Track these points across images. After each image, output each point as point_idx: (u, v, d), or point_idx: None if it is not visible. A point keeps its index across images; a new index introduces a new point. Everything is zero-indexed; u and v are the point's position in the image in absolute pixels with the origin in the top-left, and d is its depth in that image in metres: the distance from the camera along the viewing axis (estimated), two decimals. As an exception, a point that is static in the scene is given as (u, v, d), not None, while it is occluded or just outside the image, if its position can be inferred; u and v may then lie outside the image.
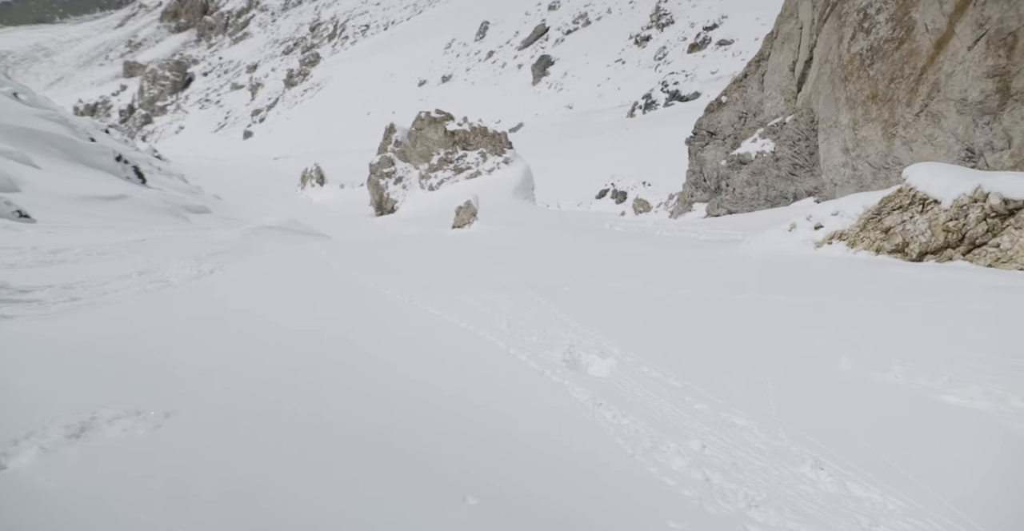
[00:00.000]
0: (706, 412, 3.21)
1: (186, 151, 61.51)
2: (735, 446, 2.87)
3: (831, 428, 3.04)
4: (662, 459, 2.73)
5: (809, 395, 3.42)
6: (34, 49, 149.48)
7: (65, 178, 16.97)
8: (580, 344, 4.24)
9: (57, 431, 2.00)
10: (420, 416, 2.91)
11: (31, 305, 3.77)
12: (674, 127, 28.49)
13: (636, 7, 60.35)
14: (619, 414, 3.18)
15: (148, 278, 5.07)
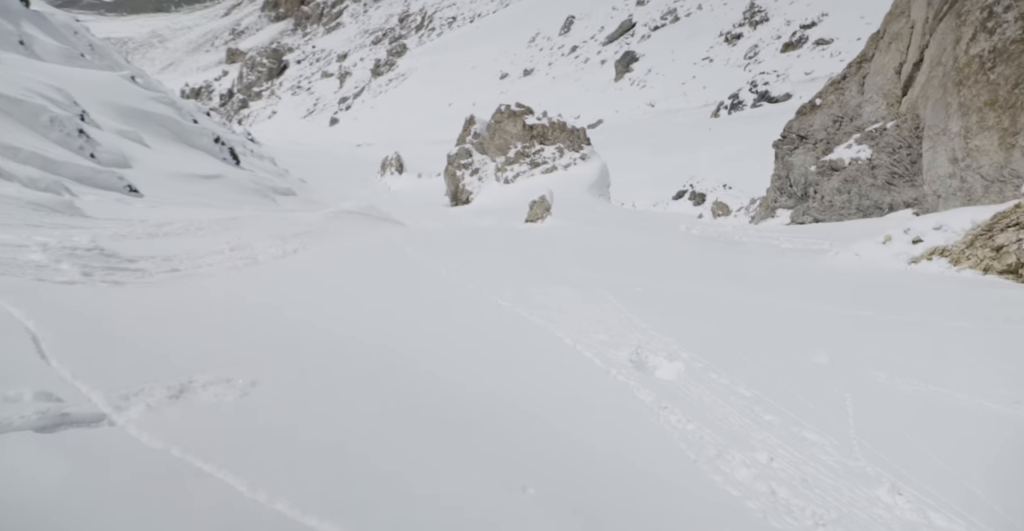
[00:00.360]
0: (776, 424, 3.09)
1: (277, 135, 64.61)
2: (805, 461, 2.74)
3: (913, 452, 2.85)
4: (726, 468, 2.64)
5: (891, 416, 3.21)
6: (151, 36, 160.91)
7: (170, 157, 18.18)
8: (648, 345, 4.14)
9: (160, 391, 2.12)
10: (485, 408, 2.91)
11: (137, 273, 4.03)
12: (761, 129, 27.31)
13: (729, 3, 58.16)
14: (684, 419, 3.09)
15: (238, 254, 5.30)
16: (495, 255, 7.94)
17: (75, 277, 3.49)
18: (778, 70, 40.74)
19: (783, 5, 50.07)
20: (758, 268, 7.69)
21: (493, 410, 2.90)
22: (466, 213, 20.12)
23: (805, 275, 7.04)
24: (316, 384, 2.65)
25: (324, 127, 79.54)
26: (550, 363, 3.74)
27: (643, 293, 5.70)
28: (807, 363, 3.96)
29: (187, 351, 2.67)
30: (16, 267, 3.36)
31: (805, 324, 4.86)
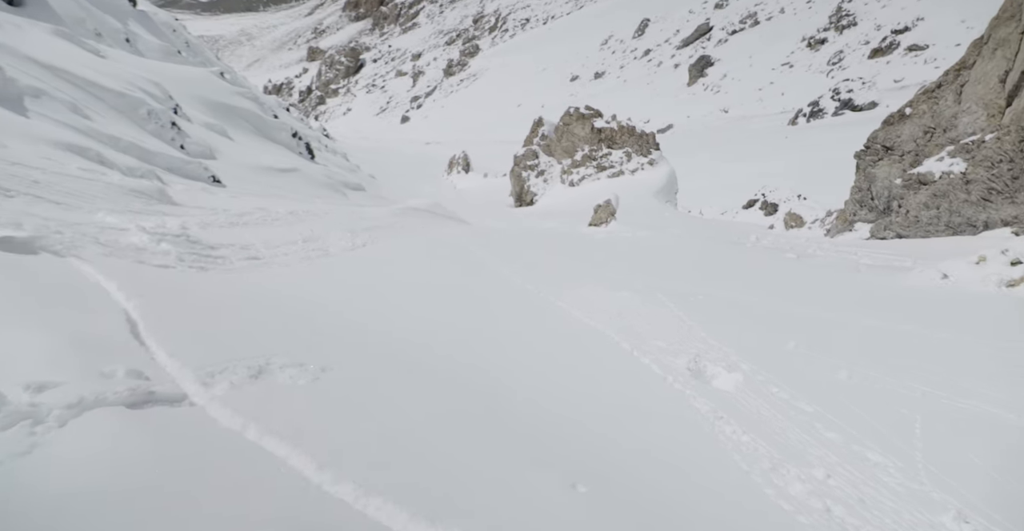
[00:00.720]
0: (837, 442, 2.99)
1: (350, 131, 66.76)
2: (864, 481, 2.65)
3: (984, 479, 2.69)
4: (780, 482, 2.58)
5: (967, 444, 3.02)
6: (240, 34, 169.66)
7: (251, 149, 19.09)
8: (707, 355, 4.08)
9: (242, 371, 2.27)
10: (542, 410, 2.90)
11: (219, 260, 4.29)
12: (841, 139, 26.07)
13: (814, 7, 55.81)
14: (739, 430, 3.04)
15: (311, 246, 5.53)
16: (556, 257, 7.98)
17: (168, 261, 3.76)
18: (864, 77, 38.74)
19: (874, 9, 47.59)
20: (832, 283, 7.33)
21: (547, 411, 2.90)
22: (529, 214, 20.15)
23: (883, 293, 6.65)
24: (382, 375, 2.74)
25: (395, 125, 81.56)
26: (606, 368, 3.72)
27: (704, 302, 5.56)
28: (877, 382, 3.78)
29: (264, 336, 2.80)
30: (119, 249, 3.66)
31: (879, 343, 4.61)
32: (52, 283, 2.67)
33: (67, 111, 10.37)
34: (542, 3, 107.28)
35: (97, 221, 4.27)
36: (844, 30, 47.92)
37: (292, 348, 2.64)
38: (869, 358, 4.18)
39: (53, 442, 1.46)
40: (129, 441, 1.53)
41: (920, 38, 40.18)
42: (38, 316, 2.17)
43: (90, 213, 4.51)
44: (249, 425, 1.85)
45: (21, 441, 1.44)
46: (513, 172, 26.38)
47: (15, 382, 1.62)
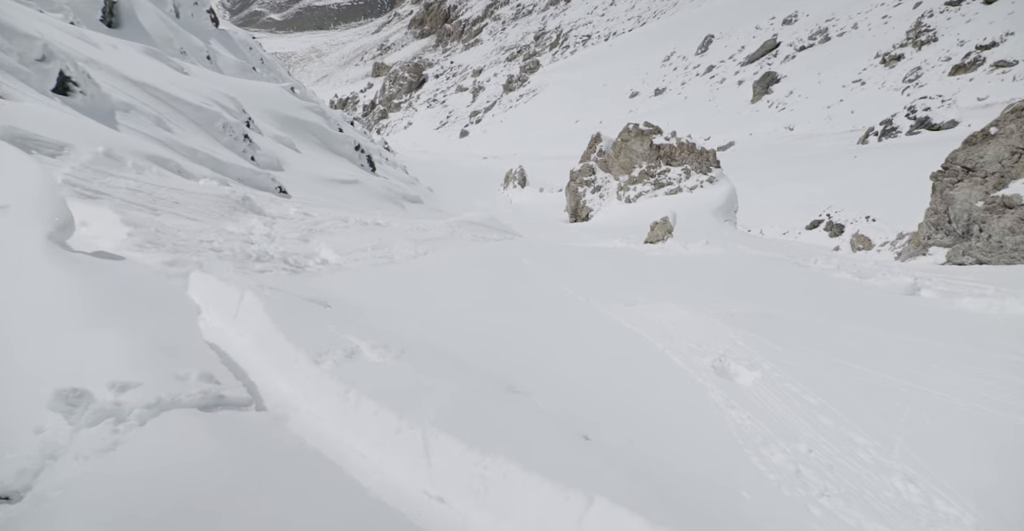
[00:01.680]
0: (829, 426, 3.26)
1: (410, 145, 68.48)
2: (841, 455, 2.99)
3: (953, 461, 2.95)
4: (766, 453, 2.95)
5: (953, 435, 3.22)
6: (310, 51, 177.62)
7: (315, 161, 19.82)
8: (733, 355, 4.27)
9: (340, 352, 2.74)
10: (585, 405, 3.10)
11: (306, 265, 5.05)
12: (916, 159, 24.86)
13: (890, 22, 53.69)
14: (745, 416, 3.35)
15: (378, 253, 6.11)
16: (607, 271, 7.92)
17: (268, 267, 4.52)
18: (943, 95, 36.84)
19: (957, 24, 45.32)
20: (883, 303, 7.05)
21: (578, 389, 3.32)
22: (584, 230, 20.06)
23: (956, 320, 6.29)
24: (445, 357, 3.21)
25: (454, 139, 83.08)
26: (635, 361, 4.04)
27: (746, 315, 5.41)
28: (893, 385, 3.86)
29: (351, 327, 3.25)
30: (228, 252, 4.48)
31: (909, 355, 4.44)
32: (135, 287, 2.84)
33: (152, 124, 11.06)
34: (604, 20, 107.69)
35: (218, 229, 5.22)
36: (923, 46, 45.78)
37: (375, 334, 3.18)
38: (891, 366, 4.24)
39: (134, 440, 1.53)
40: (202, 443, 1.60)
41: (1009, 54, 37.87)
42: (121, 318, 2.30)
43: (214, 223, 5.35)
44: (351, 390, 2.27)
45: (105, 438, 1.52)
46: (569, 187, 26.37)
47: (100, 381, 1.72)
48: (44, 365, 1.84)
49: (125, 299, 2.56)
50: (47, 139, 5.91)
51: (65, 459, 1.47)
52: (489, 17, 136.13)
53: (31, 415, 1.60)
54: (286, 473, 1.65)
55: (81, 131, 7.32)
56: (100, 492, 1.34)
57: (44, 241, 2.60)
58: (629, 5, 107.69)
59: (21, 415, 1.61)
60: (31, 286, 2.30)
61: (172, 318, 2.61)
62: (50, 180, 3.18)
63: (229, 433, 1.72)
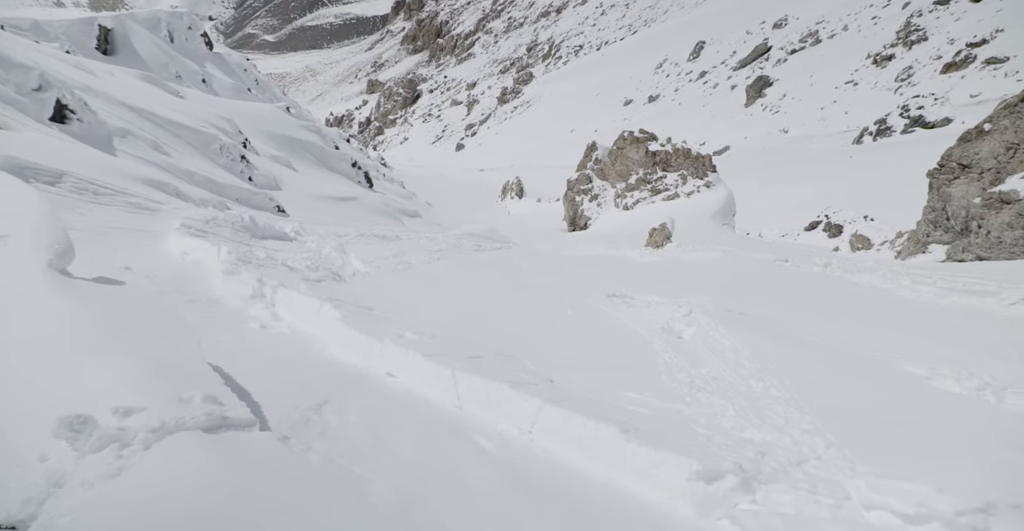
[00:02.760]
0: (731, 359, 4.27)
1: (406, 160, 68.72)
2: (728, 376, 3.91)
3: (805, 377, 3.87)
4: (676, 375, 3.93)
5: (844, 382, 3.87)
6: (305, 70, 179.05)
7: (313, 179, 19.89)
8: (683, 320, 5.33)
9: (393, 335, 3.81)
10: (556, 362, 4.02)
11: (344, 273, 6.11)
12: (912, 157, 24.93)
13: (880, 23, 54.02)
14: (674, 357, 4.36)
15: (398, 260, 7.40)
16: (602, 276, 8.57)
17: (321, 276, 5.59)
18: (936, 93, 37.00)
19: (946, 22, 45.61)
20: (868, 299, 7.22)
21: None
22: (583, 238, 20.09)
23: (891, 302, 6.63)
24: (464, 340, 4.31)
25: (450, 152, 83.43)
26: (605, 328, 5.21)
27: (720, 309, 5.84)
28: (822, 348, 4.87)
29: (392, 323, 4.32)
30: (295, 266, 5.75)
31: (853, 330, 5.31)
32: (135, 311, 2.85)
33: (149, 149, 11.13)
34: (595, 30, 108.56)
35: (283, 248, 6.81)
36: (913, 45, 46.03)
37: (417, 324, 4.32)
38: (812, 330, 5.34)
39: (139, 465, 1.54)
40: (207, 465, 1.60)
41: (999, 50, 38.06)
42: (123, 342, 2.31)
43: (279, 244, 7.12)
44: (408, 352, 3.55)
45: (111, 463, 1.52)
46: (567, 196, 26.45)
47: (104, 406, 1.73)
48: (47, 392, 1.84)
49: (127, 323, 2.57)
50: (45, 167, 5.95)
51: (70, 486, 1.47)
52: (481, 31, 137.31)
53: (35, 443, 1.61)
54: (290, 492, 1.65)
55: (79, 158, 7.37)
56: (106, 518, 1.34)
57: (44, 269, 2.62)
58: (620, 14, 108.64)
59: (25, 443, 1.61)
60: (32, 314, 2.31)
61: (174, 341, 2.61)
62: (49, 208, 3.20)
63: (234, 454, 1.72)
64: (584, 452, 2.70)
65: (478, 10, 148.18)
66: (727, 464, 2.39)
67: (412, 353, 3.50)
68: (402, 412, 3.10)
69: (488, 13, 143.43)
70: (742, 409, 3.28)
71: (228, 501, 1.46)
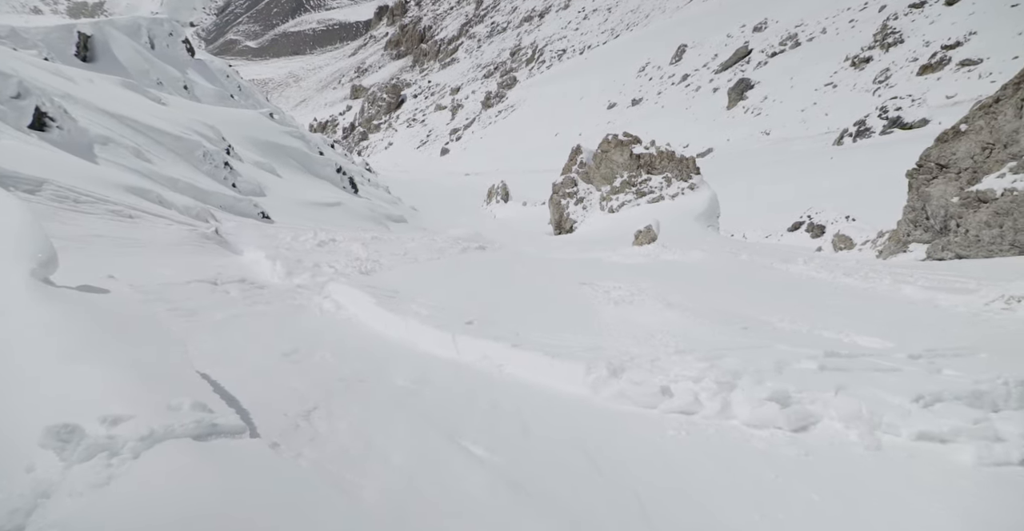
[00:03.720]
0: (652, 303, 6.34)
1: (391, 165, 68.60)
2: (640, 333, 5.16)
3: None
4: (605, 327, 5.41)
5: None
6: (288, 76, 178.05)
7: (297, 185, 19.76)
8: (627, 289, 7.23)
9: (412, 311, 5.23)
10: (528, 325, 5.58)
11: (370, 268, 7.58)
12: (891, 158, 25.33)
13: (857, 26, 54.95)
14: (605, 304, 6.45)
15: (407, 257, 9.01)
16: (583, 271, 9.17)
17: (364, 269, 7.38)
18: (913, 94, 37.70)
19: (922, 25, 46.49)
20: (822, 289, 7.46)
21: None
22: (569, 241, 20.14)
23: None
24: (460, 313, 5.63)
25: (435, 157, 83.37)
26: (571, 307, 6.47)
27: (654, 293, 7.05)
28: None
29: (413, 302, 5.70)
30: (338, 265, 7.42)
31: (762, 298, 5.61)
32: (121, 319, 2.81)
33: (131, 156, 11.00)
34: (578, 34, 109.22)
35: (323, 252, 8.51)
36: (890, 48, 46.86)
37: (432, 301, 5.83)
38: (745, 294, 7.41)
39: (128, 473, 1.52)
40: (198, 472, 1.58)
41: (973, 52, 38.89)
42: (110, 350, 2.28)
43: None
44: (423, 324, 4.88)
45: (99, 473, 1.50)
46: (552, 200, 26.53)
47: (92, 415, 1.71)
48: (32, 402, 1.81)
49: (113, 331, 2.54)
50: (25, 176, 5.86)
51: (59, 496, 1.45)
52: (464, 36, 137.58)
53: (22, 454, 1.58)
54: (281, 497, 1.64)
55: (59, 166, 7.27)
56: (96, 528, 1.32)
57: (27, 278, 2.58)
58: (602, 19, 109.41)
59: (11, 454, 1.59)
60: (15, 323, 2.28)
61: (161, 348, 2.59)
62: (32, 216, 3.16)
63: (224, 462, 1.70)
64: (532, 372, 4.11)
65: (461, 15, 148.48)
66: (602, 364, 3.95)
67: (425, 325, 4.83)
68: (420, 362, 4.27)
69: (471, 18, 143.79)
70: (637, 342, 4.82)
71: (218, 507, 1.45)
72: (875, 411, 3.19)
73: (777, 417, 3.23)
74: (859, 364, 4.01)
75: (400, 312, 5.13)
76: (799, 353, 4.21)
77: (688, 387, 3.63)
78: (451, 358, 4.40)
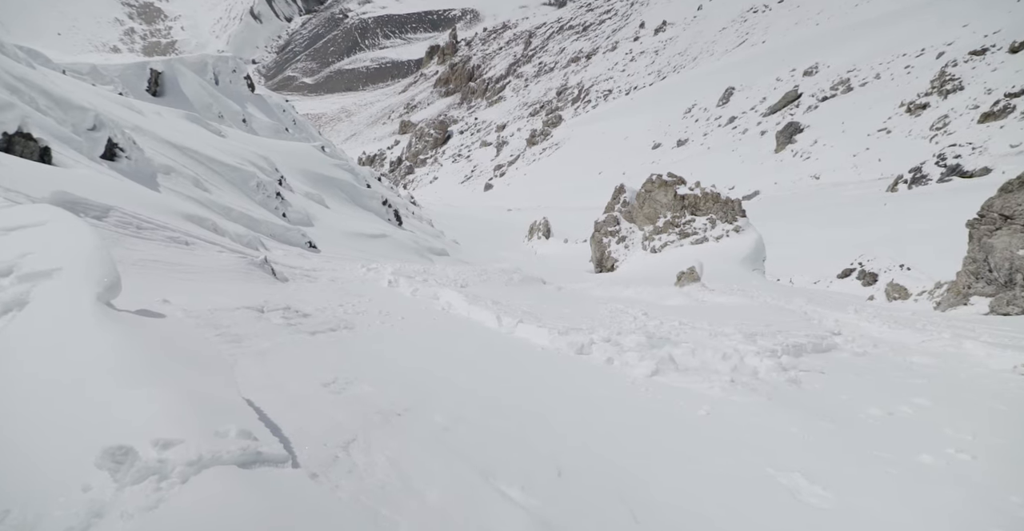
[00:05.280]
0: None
1: (435, 199, 69.93)
2: (619, 328, 7.11)
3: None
4: (597, 320, 7.91)
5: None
6: (340, 111, 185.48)
7: (344, 216, 20.32)
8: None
9: (489, 304, 7.99)
10: (560, 318, 5.05)
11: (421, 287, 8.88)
12: (949, 207, 24.52)
13: (913, 72, 54.08)
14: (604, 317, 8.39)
15: (458, 282, 10.36)
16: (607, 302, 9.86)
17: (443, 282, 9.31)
18: (973, 142, 36.54)
19: (983, 73, 45.41)
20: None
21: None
22: (610, 280, 19.98)
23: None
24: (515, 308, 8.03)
25: (479, 192, 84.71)
26: (580, 310, 9.20)
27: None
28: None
29: (492, 301, 7.26)
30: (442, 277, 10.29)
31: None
32: (175, 344, 2.92)
33: (191, 185, 11.55)
34: (624, 75, 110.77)
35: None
36: (949, 95, 45.79)
37: (494, 302, 8.11)
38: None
39: (176, 497, 1.55)
40: (242, 501, 1.61)
41: (1040, 100, 37.67)
42: (163, 374, 2.36)
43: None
44: (488, 309, 7.20)
45: (149, 496, 1.54)
46: (594, 238, 26.50)
47: (145, 438, 1.76)
48: (91, 422, 1.88)
49: (167, 355, 2.63)
50: (94, 202, 6.20)
51: (111, 517, 1.49)
52: (512, 75, 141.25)
53: (79, 473, 1.64)
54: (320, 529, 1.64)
55: (125, 194, 7.69)
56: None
57: (93, 301, 2.71)
58: (649, 61, 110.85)
59: (70, 473, 1.64)
60: (80, 345, 2.39)
61: (211, 374, 2.66)
62: (101, 242, 3.33)
63: (267, 490, 1.72)
64: (530, 335, 6.18)
65: (510, 55, 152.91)
66: (567, 329, 6.31)
67: (488, 312, 6.94)
68: (485, 333, 6.25)
69: (519, 58, 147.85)
70: (608, 327, 7.04)
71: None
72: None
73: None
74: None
75: (478, 306, 7.36)
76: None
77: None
78: (496, 328, 6.56)
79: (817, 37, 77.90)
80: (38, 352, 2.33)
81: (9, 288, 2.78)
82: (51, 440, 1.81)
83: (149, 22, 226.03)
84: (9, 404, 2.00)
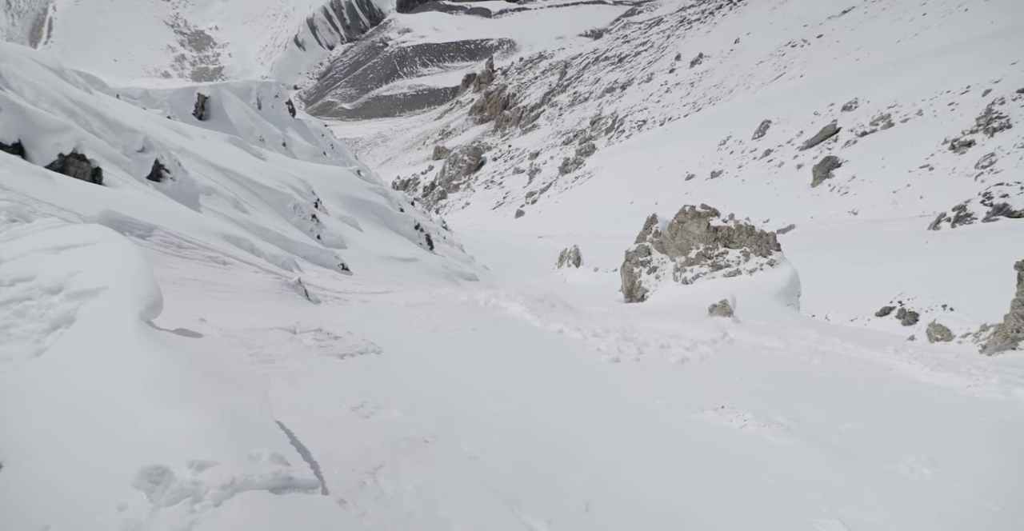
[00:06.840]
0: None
1: (467, 224, 70.54)
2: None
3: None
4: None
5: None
6: (376, 136, 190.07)
7: (377, 240, 20.62)
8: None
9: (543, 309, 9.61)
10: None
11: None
12: (996, 246, 23.74)
13: (958, 109, 52.91)
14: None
15: (491, 302, 10.48)
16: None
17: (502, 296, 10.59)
18: (1022, 182, 35.50)
19: (1032, 110, 44.24)
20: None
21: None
22: (639, 310, 19.74)
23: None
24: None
25: (510, 218, 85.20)
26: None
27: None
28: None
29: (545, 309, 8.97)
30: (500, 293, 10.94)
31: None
32: (212, 364, 2.97)
33: (230, 206, 11.89)
34: (659, 106, 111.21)
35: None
36: (995, 133, 44.57)
37: (545, 311, 10.20)
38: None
39: (208, 521, 1.56)
40: (272, 526, 1.61)
41: (1090, 139, 36.41)
42: (200, 395, 2.40)
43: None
44: (538, 313, 9.66)
45: (183, 518, 1.56)
46: (624, 267, 26.31)
47: (181, 459, 1.78)
48: (129, 441, 1.92)
49: (203, 375, 2.68)
50: (139, 222, 6.44)
51: (145, 538, 1.51)
52: (547, 104, 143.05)
53: (115, 491, 1.67)
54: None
55: (168, 214, 7.95)
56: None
57: (136, 320, 2.79)
58: (684, 92, 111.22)
59: (106, 491, 1.67)
60: (121, 364, 2.45)
61: (245, 394, 2.70)
62: (144, 261, 3.44)
63: (297, 517, 1.72)
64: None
65: (545, 84, 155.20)
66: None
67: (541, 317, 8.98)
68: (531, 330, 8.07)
69: (554, 88, 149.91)
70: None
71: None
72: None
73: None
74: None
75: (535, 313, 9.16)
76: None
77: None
78: (535, 324, 8.51)
79: (857, 72, 77.15)
80: (82, 370, 2.40)
81: (58, 305, 2.89)
82: (91, 457, 1.85)
83: (199, 49, 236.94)
84: (53, 421, 2.06)
